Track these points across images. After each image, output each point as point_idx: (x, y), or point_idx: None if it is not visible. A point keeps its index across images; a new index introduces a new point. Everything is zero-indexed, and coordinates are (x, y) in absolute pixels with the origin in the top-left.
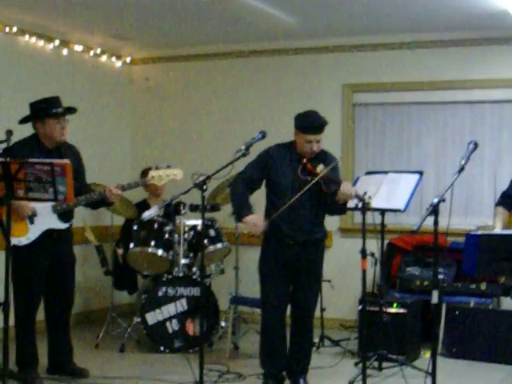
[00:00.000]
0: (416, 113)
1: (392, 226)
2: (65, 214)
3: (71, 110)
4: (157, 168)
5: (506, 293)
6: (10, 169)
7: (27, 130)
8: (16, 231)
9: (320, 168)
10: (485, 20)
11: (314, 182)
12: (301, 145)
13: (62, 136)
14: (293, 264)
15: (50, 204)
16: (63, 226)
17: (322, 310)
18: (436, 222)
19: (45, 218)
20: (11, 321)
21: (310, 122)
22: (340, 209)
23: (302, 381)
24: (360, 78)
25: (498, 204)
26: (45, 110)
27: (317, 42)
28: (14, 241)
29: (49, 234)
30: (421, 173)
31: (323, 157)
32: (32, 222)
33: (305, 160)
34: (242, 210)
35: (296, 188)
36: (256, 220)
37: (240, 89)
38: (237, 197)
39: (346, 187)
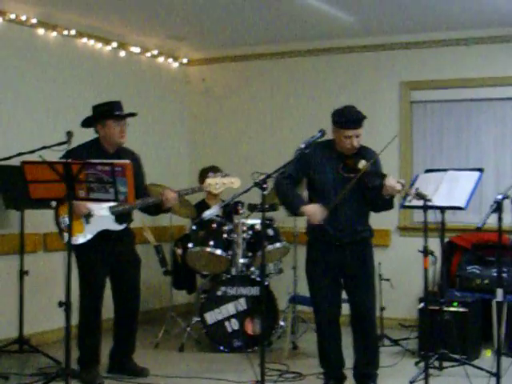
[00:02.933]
0: (474, 109)
1: (452, 225)
2: (122, 216)
3: (132, 114)
4: (215, 175)
5: None
6: (72, 170)
7: (87, 132)
8: (72, 230)
9: (362, 164)
10: None
11: (357, 177)
12: (340, 141)
13: (121, 138)
14: (340, 266)
15: (106, 205)
16: (119, 227)
17: (382, 309)
18: (500, 219)
19: (101, 219)
20: (73, 320)
21: (347, 117)
22: (386, 204)
23: None
24: (417, 76)
25: None
26: (107, 112)
27: (374, 40)
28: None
29: (106, 234)
30: (481, 170)
31: (363, 152)
32: (88, 222)
33: (345, 157)
34: (297, 202)
35: (339, 186)
36: (315, 208)
37: (297, 87)
38: (286, 192)
39: (390, 180)
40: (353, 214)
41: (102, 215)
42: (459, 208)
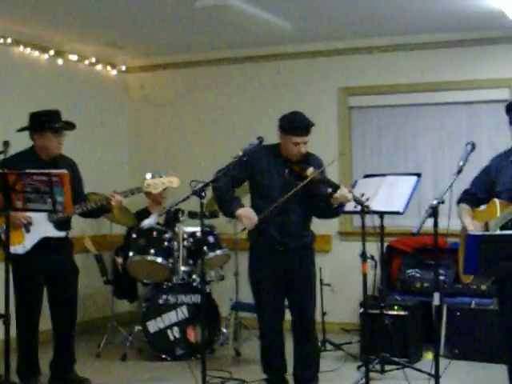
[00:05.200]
0: (412, 115)
1: (391, 229)
2: (61, 223)
3: (70, 126)
4: (153, 176)
5: None
6: (8, 180)
7: (24, 142)
8: (12, 240)
9: (310, 171)
10: (479, 20)
11: (304, 184)
12: (287, 147)
13: (57, 150)
14: (284, 271)
15: (45, 213)
16: (59, 234)
17: (323, 314)
18: (436, 224)
19: (40, 227)
20: (12, 331)
21: (296, 124)
22: (333, 212)
23: None
24: (355, 82)
25: (461, 201)
26: (44, 123)
27: (311, 47)
28: (10, 249)
29: (45, 242)
30: (419, 175)
31: (309, 159)
32: (28, 231)
33: (290, 163)
34: (232, 205)
35: (284, 191)
36: (249, 212)
37: (236, 94)
38: (223, 192)
39: (344, 190)
40: (298, 219)
41: (41, 222)
42: (397, 213)
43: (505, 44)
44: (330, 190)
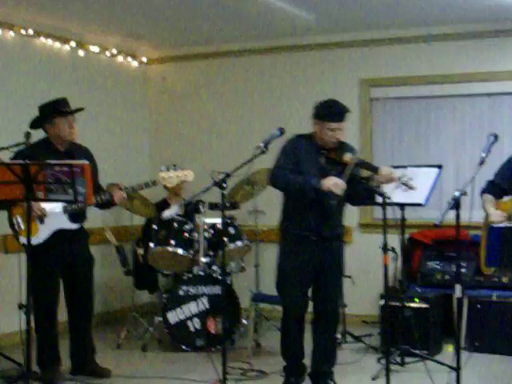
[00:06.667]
0: (433, 106)
1: (412, 221)
2: (76, 215)
3: (79, 109)
4: (167, 169)
5: None
6: (30, 171)
7: (43, 133)
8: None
9: (348, 156)
10: (500, 12)
11: (350, 168)
12: (323, 134)
13: (71, 135)
14: (317, 261)
15: (60, 205)
16: (74, 226)
17: (344, 306)
18: (458, 216)
19: (55, 219)
20: (33, 322)
21: (333, 110)
22: (369, 197)
23: (331, 382)
24: (377, 73)
25: (485, 192)
26: (53, 110)
27: (333, 38)
28: (24, 240)
29: (60, 234)
30: (440, 166)
31: (343, 146)
32: (42, 223)
33: (325, 151)
34: (312, 179)
35: (322, 178)
36: (334, 179)
37: (257, 86)
38: (292, 178)
39: (387, 169)
40: (336, 209)
41: (56, 214)
42: (419, 204)
43: None
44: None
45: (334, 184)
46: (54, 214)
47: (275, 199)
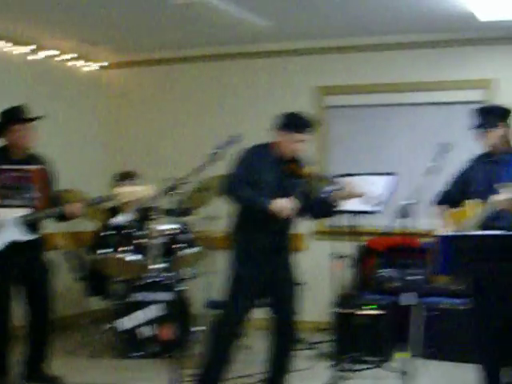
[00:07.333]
0: (386, 115)
1: (366, 228)
2: (30, 226)
3: (37, 117)
4: (123, 184)
5: None
6: None
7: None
8: None
9: (308, 169)
10: (451, 22)
11: (308, 181)
12: (288, 145)
13: (28, 143)
14: (271, 271)
15: (15, 215)
16: (28, 237)
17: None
18: (406, 224)
19: (9, 230)
20: None
21: (303, 122)
22: (329, 211)
23: None
24: (331, 81)
25: (437, 202)
26: (11, 117)
27: (288, 45)
28: None
29: (16, 245)
30: (394, 174)
31: (298, 158)
32: None
33: (288, 161)
34: (263, 201)
35: (281, 190)
36: (283, 202)
37: (212, 92)
38: (247, 194)
39: (352, 184)
40: (288, 221)
41: (8, 225)
42: (373, 212)
43: (475, 46)
44: (330, 187)
45: (280, 208)
46: (8, 225)
47: (230, 205)
